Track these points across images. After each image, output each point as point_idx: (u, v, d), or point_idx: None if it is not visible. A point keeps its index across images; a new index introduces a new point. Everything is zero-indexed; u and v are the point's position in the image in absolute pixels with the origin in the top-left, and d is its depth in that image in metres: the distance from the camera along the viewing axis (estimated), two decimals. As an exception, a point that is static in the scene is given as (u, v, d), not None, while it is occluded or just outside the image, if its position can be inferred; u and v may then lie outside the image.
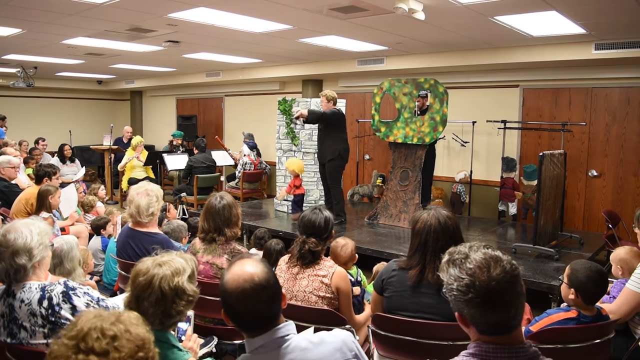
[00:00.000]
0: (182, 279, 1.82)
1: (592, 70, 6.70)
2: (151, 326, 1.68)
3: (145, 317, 1.69)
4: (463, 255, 1.37)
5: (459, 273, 1.34)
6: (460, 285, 1.32)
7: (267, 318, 1.56)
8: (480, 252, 1.37)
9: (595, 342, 2.36)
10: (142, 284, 1.77)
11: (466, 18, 5.04)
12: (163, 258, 1.87)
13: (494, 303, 1.30)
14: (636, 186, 6.64)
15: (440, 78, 6.49)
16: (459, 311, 1.37)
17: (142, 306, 1.76)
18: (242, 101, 11.10)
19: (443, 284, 2.25)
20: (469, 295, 1.31)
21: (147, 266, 1.82)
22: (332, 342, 1.62)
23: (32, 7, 4.94)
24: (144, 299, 1.76)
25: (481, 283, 1.29)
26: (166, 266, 1.82)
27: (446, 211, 2.43)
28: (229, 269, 1.59)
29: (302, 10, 4.86)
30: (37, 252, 2.10)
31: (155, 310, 1.76)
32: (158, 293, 1.76)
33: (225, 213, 3.03)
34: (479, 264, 1.33)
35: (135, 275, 1.81)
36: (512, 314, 1.31)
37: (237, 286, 1.52)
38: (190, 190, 7.99)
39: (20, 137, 9.55)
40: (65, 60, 8.65)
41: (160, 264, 1.83)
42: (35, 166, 6.54)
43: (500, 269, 1.31)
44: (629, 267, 2.92)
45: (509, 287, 1.30)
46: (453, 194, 7.80)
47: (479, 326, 1.34)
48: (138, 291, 1.78)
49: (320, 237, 2.76)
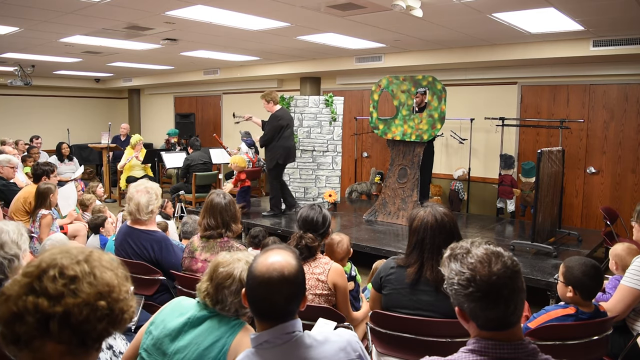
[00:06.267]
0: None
1: (590, 67, 6.70)
2: (227, 313, 1.84)
3: (222, 304, 1.86)
4: (465, 250, 1.38)
5: (460, 267, 1.35)
6: (461, 279, 1.33)
7: (281, 312, 1.55)
8: (482, 247, 1.37)
9: (594, 339, 2.37)
10: (223, 274, 1.89)
11: (464, 15, 5.04)
12: (239, 254, 2.01)
13: (494, 298, 1.30)
14: (634, 183, 6.65)
15: (438, 75, 6.49)
16: (459, 306, 1.37)
17: (222, 294, 1.86)
18: (240, 99, 11.08)
19: (441, 281, 2.28)
20: (470, 290, 1.31)
21: (227, 259, 1.96)
22: (336, 341, 1.62)
23: (30, 6, 4.92)
24: (225, 288, 1.86)
25: (482, 277, 1.30)
26: (243, 261, 1.95)
27: (443, 208, 2.43)
28: (265, 252, 1.61)
29: (299, 7, 4.85)
30: (22, 242, 2.22)
31: (234, 299, 1.85)
32: (238, 284, 1.86)
33: (231, 209, 3.08)
34: (481, 258, 1.34)
35: (217, 265, 1.94)
36: (512, 310, 1.31)
37: (264, 272, 1.53)
38: (189, 188, 7.99)
39: (18, 136, 9.54)
40: (62, 58, 8.63)
41: (239, 258, 1.96)
42: (33, 164, 6.53)
43: (502, 264, 1.32)
44: (623, 264, 2.95)
45: (509, 282, 1.31)
46: (451, 191, 7.81)
47: (479, 321, 1.34)
48: (219, 280, 1.88)
49: (317, 232, 2.80)
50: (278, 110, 6.53)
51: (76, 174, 7.80)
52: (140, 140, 9.07)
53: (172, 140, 10.62)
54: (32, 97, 12.16)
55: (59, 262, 1.09)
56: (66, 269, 1.09)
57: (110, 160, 9.86)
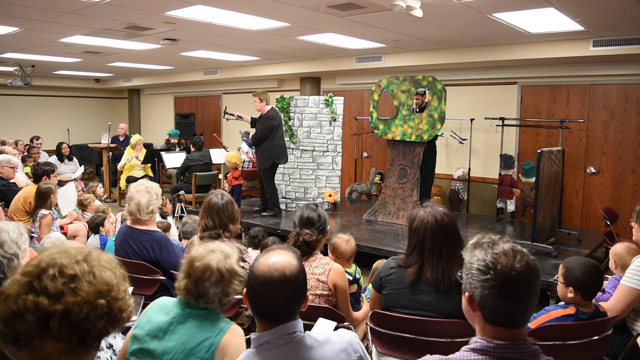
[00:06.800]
0: (233, 261, 1.96)
1: (590, 67, 6.70)
2: (211, 305, 1.85)
3: (205, 298, 1.86)
4: (492, 241, 1.39)
5: (484, 255, 1.35)
6: (482, 265, 1.33)
7: (282, 312, 1.55)
8: (509, 243, 1.39)
9: (594, 339, 2.37)
10: (200, 267, 1.89)
11: (464, 15, 5.04)
12: (212, 245, 2.01)
13: (508, 291, 1.30)
14: (634, 183, 6.65)
15: (439, 75, 6.49)
16: (471, 292, 1.36)
17: (203, 287, 1.86)
18: (240, 99, 11.08)
19: (441, 281, 2.28)
20: (487, 276, 1.31)
21: (201, 252, 1.95)
22: (337, 342, 1.62)
23: (30, 6, 4.92)
24: (204, 280, 1.87)
25: (503, 268, 1.31)
26: (218, 251, 1.96)
27: (443, 208, 2.43)
28: (266, 252, 1.62)
29: (299, 7, 4.85)
30: (22, 242, 2.23)
31: (216, 290, 1.87)
32: (217, 274, 1.88)
33: (229, 209, 3.06)
34: (506, 252, 1.35)
35: (192, 260, 1.93)
36: (522, 309, 1.32)
37: (265, 272, 1.53)
38: (188, 188, 7.99)
39: (18, 136, 9.53)
40: (62, 58, 8.63)
41: (213, 250, 1.96)
42: (33, 164, 6.53)
43: (525, 263, 1.33)
44: (622, 263, 2.96)
45: (527, 280, 1.31)
46: (451, 191, 7.81)
47: (486, 311, 1.33)
48: (197, 274, 1.88)
49: (314, 227, 2.79)
50: (270, 111, 6.61)
51: (76, 174, 7.80)
52: (140, 140, 9.07)
53: (172, 140, 10.62)
54: (32, 97, 12.16)
55: (59, 262, 1.10)
56: (66, 268, 1.09)
57: (110, 160, 9.86)
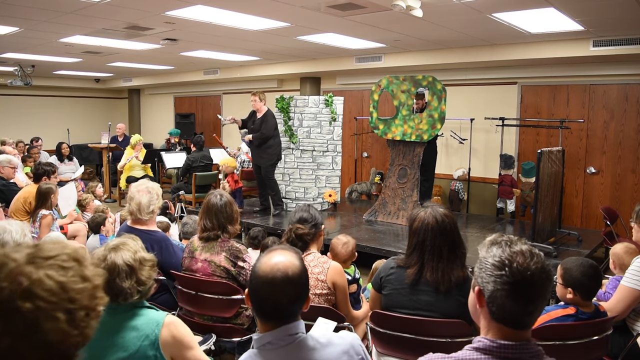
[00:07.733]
0: (137, 250, 2.02)
1: (590, 67, 6.70)
2: (131, 299, 1.89)
3: (123, 295, 1.89)
4: (510, 241, 1.40)
5: (501, 252, 1.36)
6: (497, 261, 1.34)
7: (284, 313, 1.54)
8: (527, 245, 1.39)
9: (594, 339, 2.37)
10: (106, 268, 1.89)
11: (464, 15, 5.04)
12: (112, 243, 2.05)
13: (520, 290, 1.30)
14: (634, 183, 6.65)
15: (438, 75, 6.49)
16: (482, 286, 1.37)
17: (115, 286, 1.88)
18: (240, 99, 11.07)
19: (441, 282, 2.28)
20: (502, 272, 1.32)
21: (100, 254, 1.97)
22: (339, 344, 1.62)
23: (30, 6, 4.92)
24: (115, 278, 1.89)
25: (519, 267, 1.31)
26: (120, 247, 2.00)
27: (443, 209, 2.43)
28: (268, 252, 1.60)
29: (299, 7, 4.85)
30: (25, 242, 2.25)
31: (129, 284, 1.91)
32: (125, 268, 1.92)
33: (227, 210, 3.06)
34: (524, 252, 1.35)
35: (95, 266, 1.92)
36: (530, 310, 1.32)
37: (268, 272, 1.52)
38: (188, 188, 7.99)
39: (18, 136, 9.52)
40: (62, 58, 8.63)
41: (114, 247, 1.99)
42: (33, 164, 6.54)
43: (541, 265, 1.33)
44: (621, 263, 2.97)
45: (540, 283, 1.32)
46: (451, 192, 7.81)
47: (494, 307, 1.34)
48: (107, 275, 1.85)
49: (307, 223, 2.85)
50: (269, 110, 6.78)
51: (76, 174, 7.80)
52: (140, 140, 9.07)
53: (172, 140, 10.62)
54: (32, 97, 12.16)
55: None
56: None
57: (110, 160, 9.86)
